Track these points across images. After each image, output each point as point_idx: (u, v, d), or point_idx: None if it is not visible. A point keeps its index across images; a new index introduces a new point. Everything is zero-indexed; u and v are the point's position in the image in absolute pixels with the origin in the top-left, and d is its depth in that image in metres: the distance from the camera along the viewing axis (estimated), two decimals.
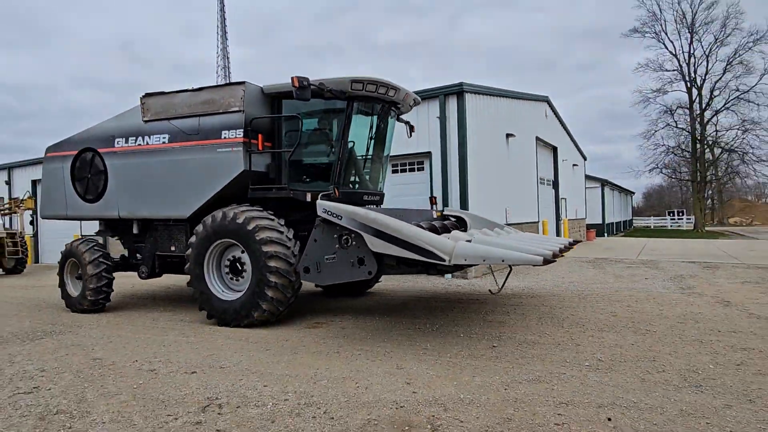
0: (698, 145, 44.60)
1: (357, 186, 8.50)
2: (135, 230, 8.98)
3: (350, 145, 8.01)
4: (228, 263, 7.45)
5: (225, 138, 7.42)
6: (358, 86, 7.28)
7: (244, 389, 4.57)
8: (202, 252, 7.33)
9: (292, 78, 6.72)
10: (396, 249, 5.68)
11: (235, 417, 3.93)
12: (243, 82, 7.52)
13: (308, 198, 7.40)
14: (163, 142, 7.95)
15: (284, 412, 3.98)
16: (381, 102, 8.07)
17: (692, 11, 40.49)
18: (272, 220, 7.01)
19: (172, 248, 8.44)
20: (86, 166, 8.86)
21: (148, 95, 8.23)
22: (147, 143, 8.12)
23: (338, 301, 9.56)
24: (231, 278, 7.48)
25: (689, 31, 41.71)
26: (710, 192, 46.73)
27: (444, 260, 5.47)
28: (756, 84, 40.92)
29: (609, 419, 3.69)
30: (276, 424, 3.77)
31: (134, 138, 8.25)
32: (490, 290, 7.05)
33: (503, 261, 5.52)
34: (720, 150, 46.58)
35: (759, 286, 10.01)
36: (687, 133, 45.34)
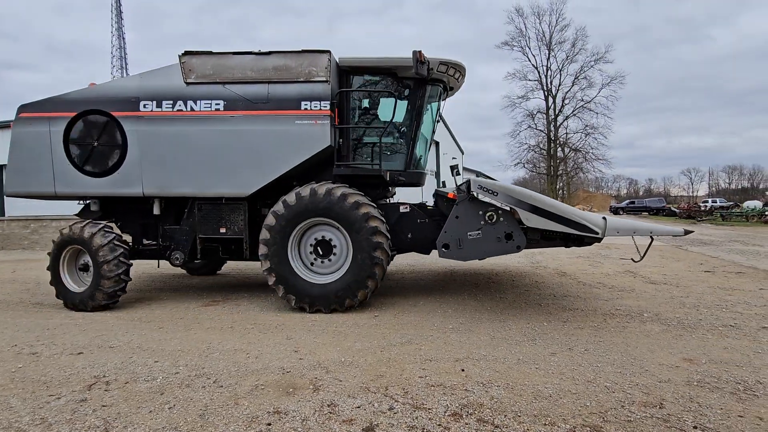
0: (552, 145, 49.48)
1: (418, 166, 7.66)
2: (156, 210, 7.02)
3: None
4: (313, 244, 6.52)
5: (306, 109, 6.31)
6: (443, 68, 6.84)
7: (134, 366, 4.33)
8: (287, 233, 6.27)
9: (417, 52, 6.23)
10: (552, 224, 5.54)
11: (123, 392, 3.72)
12: (328, 51, 6.39)
13: (388, 176, 6.94)
14: (216, 110, 6.39)
15: (174, 384, 3.86)
16: (448, 86, 7.42)
17: (550, 31, 44.48)
18: (365, 196, 6.36)
19: (222, 230, 6.80)
20: (91, 132, 6.59)
21: (189, 53, 6.50)
22: (191, 109, 6.42)
23: (237, 279, 9.31)
24: (315, 259, 6.56)
25: (547, 48, 45.89)
26: (561, 184, 52.09)
27: (597, 233, 5.49)
28: (596, 96, 46.58)
29: (462, 370, 4.09)
30: (165, 395, 3.65)
31: (170, 102, 6.44)
32: (632, 259, 7.11)
33: (651, 233, 5.85)
34: (568, 149, 52.07)
35: (588, 260, 11.49)
36: (544, 135, 50.06)
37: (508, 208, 5.85)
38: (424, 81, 6.86)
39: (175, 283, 9.19)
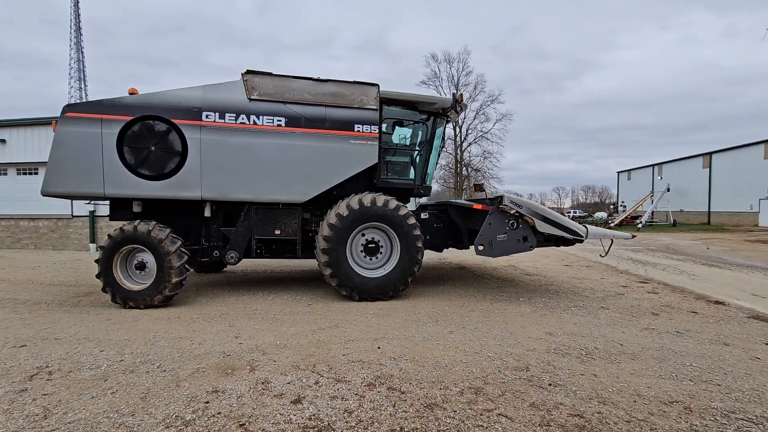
0: (458, 165, 51.96)
1: (429, 181, 7.76)
2: (207, 213, 6.44)
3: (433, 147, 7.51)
4: (364, 243, 6.43)
5: (359, 131, 6.34)
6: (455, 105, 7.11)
7: (79, 356, 3.89)
8: (347, 234, 6.17)
9: (459, 95, 6.88)
10: (555, 230, 6.17)
11: (65, 381, 3.33)
12: (377, 84, 6.49)
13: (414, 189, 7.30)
14: (278, 125, 6.13)
15: (118, 371, 3.53)
16: (451, 118, 7.60)
17: (457, 75, 46.71)
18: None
19: (277, 231, 6.53)
20: (150, 136, 5.90)
21: (251, 72, 6.17)
22: (254, 123, 6.08)
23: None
24: (364, 257, 6.44)
25: (456, 89, 48.04)
26: (465, 196, 54.81)
27: (582, 237, 6.31)
28: (491, 128, 49.89)
29: (379, 348, 4.14)
30: (108, 381, 3.32)
31: (233, 115, 6.04)
32: (600, 255, 7.91)
33: (613, 237, 7.03)
34: (471, 169, 54.92)
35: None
36: (453, 156, 52.41)
37: (529, 219, 6.24)
38: (438, 114, 7.15)
39: None
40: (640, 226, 31.07)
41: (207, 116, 5.98)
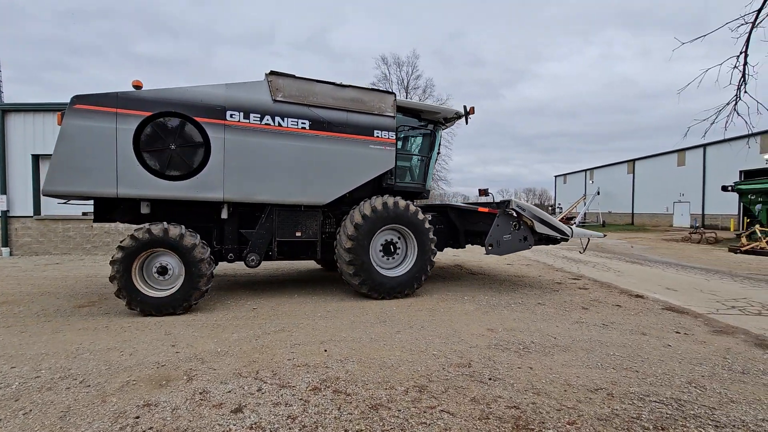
0: None
1: (429, 184, 8.01)
2: (224, 215, 6.15)
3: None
4: (383, 244, 6.65)
5: (378, 137, 6.54)
6: (455, 115, 7.55)
7: None
8: (369, 235, 6.34)
9: (472, 107, 7.38)
10: (549, 231, 7.08)
11: None
12: (394, 93, 6.80)
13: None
14: (303, 128, 6.08)
15: (33, 389, 3.18)
16: (448, 126, 8.06)
17: (407, 78, 47.52)
18: None
19: (298, 233, 6.48)
20: (169, 134, 5.48)
21: (275, 73, 6.03)
22: (278, 124, 5.95)
23: None
24: (382, 257, 6.67)
25: (405, 92, 48.84)
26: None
27: (569, 236, 7.21)
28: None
29: (325, 350, 4.10)
30: (21, 401, 2.98)
31: (258, 115, 5.85)
32: (579, 251, 9.83)
33: (590, 236, 7.88)
34: None
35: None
36: None
37: (528, 221, 7.02)
38: (438, 122, 7.64)
39: (45, 285, 7.61)
40: (574, 226, 33.45)
41: (231, 115, 5.76)
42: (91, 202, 5.97)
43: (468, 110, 7.45)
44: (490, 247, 6.96)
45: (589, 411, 2.89)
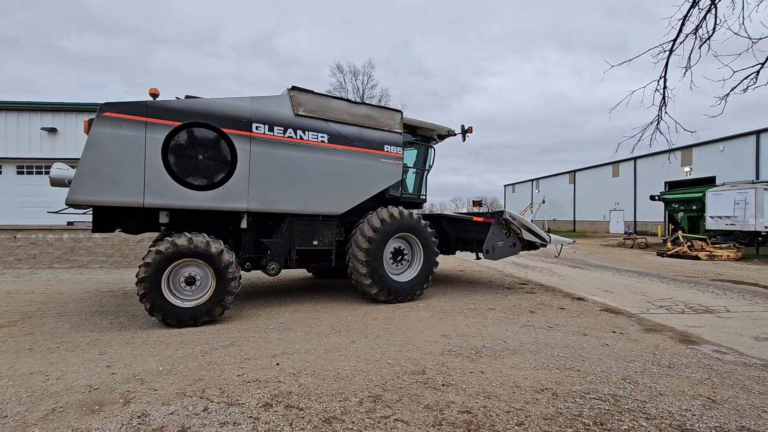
0: None
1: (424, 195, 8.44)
2: (244, 225, 6.19)
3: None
4: (392, 251, 7.05)
5: (387, 151, 6.98)
6: (446, 132, 8.14)
7: None
8: (382, 244, 6.73)
9: (470, 127, 7.91)
10: (534, 238, 7.93)
11: None
12: (400, 111, 7.28)
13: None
14: (322, 141, 6.36)
15: None
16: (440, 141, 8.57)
17: (362, 87, 47.86)
18: None
19: (315, 242, 6.65)
20: (197, 145, 5.50)
21: (297, 89, 6.29)
22: (300, 137, 6.20)
23: (43, 295, 7.32)
24: (392, 263, 7.06)
25: (362, 101, 49.28)
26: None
27: (547, 243, 8.15)
28: None
29: (278, 364, 3.96)
30: None
31: (282, 128, 6.06)
32: (555, 255, 11.35)
33: (563, 243, 9.19)
34: None
35: None
36: None
37: (516, 229, 7.85)
38: (433, 138, 8.26)
39: None
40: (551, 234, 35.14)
41: (257, 128, 5.91)
42: (80, 209, 5.89)
43: (466, 129, 7.99)
44: (486, 253, 7.71)
45: (536, 411, 3.02)
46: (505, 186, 60.50)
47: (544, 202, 44.32)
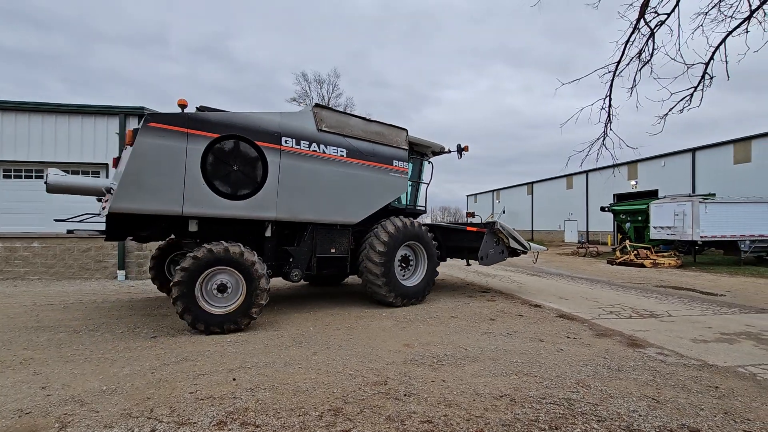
0: None
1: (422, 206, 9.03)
2: (268, 233, 6.48)
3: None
4: (400, 259, 7.48)
5: (396, 166, 7.44)
6: (440, 149, 8.83)
7: None
8: (393, 251, 7.19)
9: (465, 146, 8.66)
10: (518, 246, 8.76)
11: None
12: (406, 129, 7.70)
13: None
14: (341, 155, 6.75)
15: None
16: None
17: (327, 96, 47.79)
18: None
19: (332, 250, 7.00)
20: (233, 156, 5.73)
21: (319, 106, 6.71)
22: (323, 151, 6.56)
23: None
24: (400, 270, 7.48)
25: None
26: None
27: (527, 250, 9.06)
28: None
29: (234, 379, 3.79)
30: None
31: (307, 142, 6.41)
32: (533, 261, 13.48)
33: (540, 250, 10.13)
34: None
35: None
36: None
37: (504, 238, 8.63)
38: (427, 154, 8.84)
39: None
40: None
41: (286, 141, 6.19)
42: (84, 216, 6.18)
43: (462, 147, 8.65)
44: (481, 259, 8.44)
45: (495, 418, 3.07)
46: (467, 196, 62.09)
47: (504, 212, 45.86)
